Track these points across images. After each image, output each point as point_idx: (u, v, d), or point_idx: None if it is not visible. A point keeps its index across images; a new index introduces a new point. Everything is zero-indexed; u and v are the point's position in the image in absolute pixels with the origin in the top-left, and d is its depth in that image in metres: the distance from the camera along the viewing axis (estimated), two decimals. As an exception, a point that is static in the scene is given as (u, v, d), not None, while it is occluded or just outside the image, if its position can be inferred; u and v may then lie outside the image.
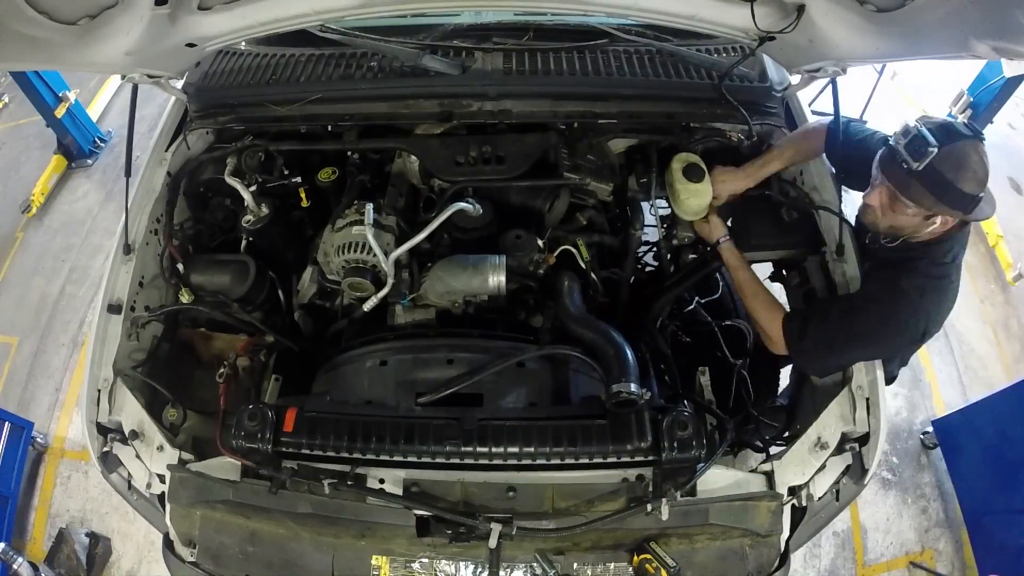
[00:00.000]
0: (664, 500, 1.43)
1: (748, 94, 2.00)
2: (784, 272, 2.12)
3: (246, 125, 2.08)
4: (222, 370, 1.87)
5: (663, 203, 2.11)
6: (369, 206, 1.86)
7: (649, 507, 1.43)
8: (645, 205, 2.06)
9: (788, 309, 1.85)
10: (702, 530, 1.53)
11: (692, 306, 2.22)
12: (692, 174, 1.94)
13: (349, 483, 1.50)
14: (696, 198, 1.93)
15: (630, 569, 1.52)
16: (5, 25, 1.18)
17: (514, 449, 1.47)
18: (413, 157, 2.08)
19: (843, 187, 1.91)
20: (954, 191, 1.42)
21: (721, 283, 2.39)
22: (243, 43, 2.17)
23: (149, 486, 1.68)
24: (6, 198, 4.60)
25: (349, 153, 2.11)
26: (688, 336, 2.25)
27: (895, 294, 1.60)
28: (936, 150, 1.39)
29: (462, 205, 1.88)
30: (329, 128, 2.07)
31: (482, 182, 1.96)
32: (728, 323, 2.11)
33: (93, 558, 2.93)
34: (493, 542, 1.42)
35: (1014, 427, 2.77)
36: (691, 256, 2.19)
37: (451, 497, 1.53)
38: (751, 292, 1.85)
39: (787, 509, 1.60)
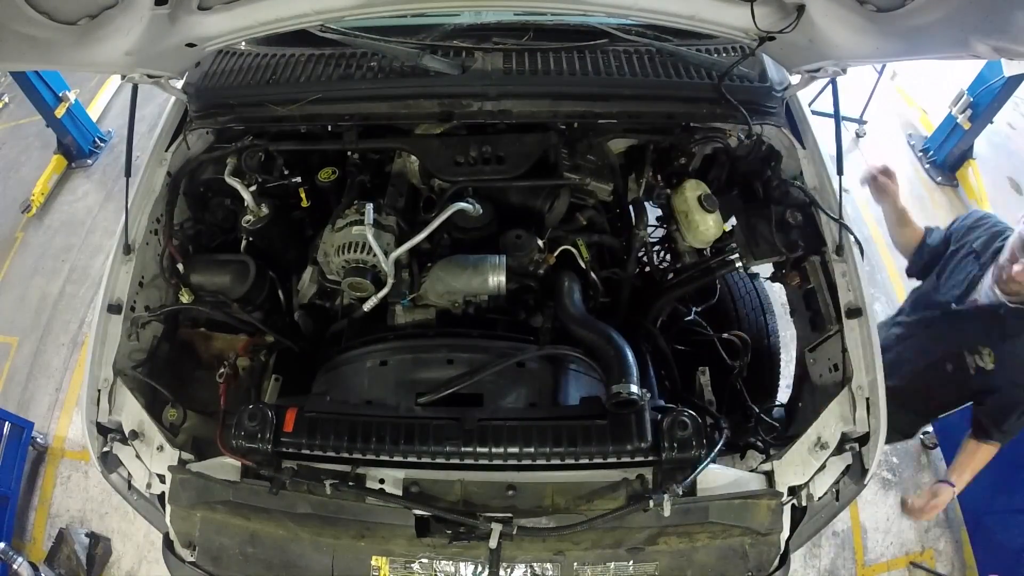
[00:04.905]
0: (666, 495, 1.42)
1: (748, 94, 2.00)
2: (784, 272, 2.12)
3: (246, 125, 2.08)
4: (222, 370, 1.87)
5: (661, 202, 2.12)
6: (369, 206, 1.86)
7: (651, 502, 1.42)
8: (647, 204, 2.07)
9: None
10: (702, 528, 1.52)
11: (691, 316, 2.21)
12: (707, 203, 1.96)
13: (349, 483, 1.50)
14: (712, 228, 1.95)
15: (630, 567, 1.52)
16: (5, 25, 1.18)
17: (514, 449, 1.47)
18: (413, 157, 2.08)
19: (844, 191, 1.92)
20: None
21: (719, 287, 2.38)
22: (243, 43, 2.17)
23: (149, 486, 1.68)
24: (6, 198, 4.60)
25: (349, 153, 2.11)
26: (686, 346, 2.24)
27: None
28: None
29: (462, 205, 1.88)
30: (329, 128, 2.06)
31: (482, 182, 1.96)
32: (727, 335, 2.11)
33: (93, 558, 2.93)
34: (493, 542, 1.42)
35: (1014, 427, 2.76)
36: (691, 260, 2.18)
37: (451, 497, 1.52)
38: None
39: (787, 509, 1.59)
